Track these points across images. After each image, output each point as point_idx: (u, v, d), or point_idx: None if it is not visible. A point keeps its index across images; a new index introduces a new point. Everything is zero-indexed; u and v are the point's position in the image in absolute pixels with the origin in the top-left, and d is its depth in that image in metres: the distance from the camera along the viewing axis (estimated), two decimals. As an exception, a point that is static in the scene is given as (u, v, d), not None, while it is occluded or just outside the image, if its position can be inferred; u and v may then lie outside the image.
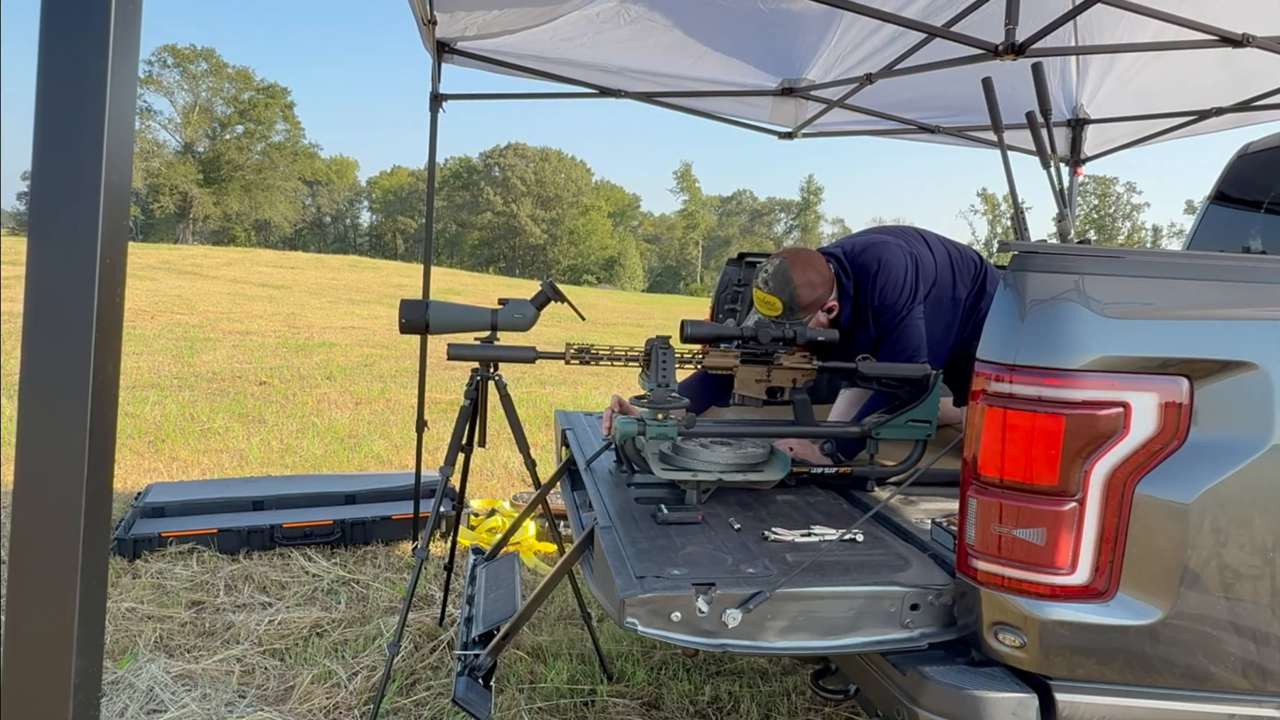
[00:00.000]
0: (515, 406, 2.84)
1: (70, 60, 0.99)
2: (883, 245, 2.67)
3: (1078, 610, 1.46)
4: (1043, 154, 2.09)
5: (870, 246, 2.67)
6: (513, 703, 2.80)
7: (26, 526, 1.01)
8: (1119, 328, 1.46)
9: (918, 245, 2.75)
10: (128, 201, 1.06)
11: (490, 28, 3.92)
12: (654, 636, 1.55)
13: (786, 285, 2.49)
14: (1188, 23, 3.22)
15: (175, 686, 2.83)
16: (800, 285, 2.49)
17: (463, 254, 71.82)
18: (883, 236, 2.74)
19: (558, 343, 2.35)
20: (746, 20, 4.07)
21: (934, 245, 2.80)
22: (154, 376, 9.26)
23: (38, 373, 0.99)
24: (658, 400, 2.04)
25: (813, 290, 2.52)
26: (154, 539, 3.98)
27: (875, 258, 2.63)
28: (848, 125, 5.21)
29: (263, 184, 65.30)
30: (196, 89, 63.53)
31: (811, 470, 2.27)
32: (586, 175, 78.75)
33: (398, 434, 7.04)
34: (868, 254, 2.65)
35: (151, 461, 5.76)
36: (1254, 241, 4.07)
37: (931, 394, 2.19)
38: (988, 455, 1.52)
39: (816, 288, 2.53)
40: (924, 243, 2.78)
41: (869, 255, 2.64)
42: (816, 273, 2.53)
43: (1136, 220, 67.24)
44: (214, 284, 21.21)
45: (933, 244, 2.80)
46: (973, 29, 3.29)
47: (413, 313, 2.50)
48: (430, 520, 2.66)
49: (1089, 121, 5.13)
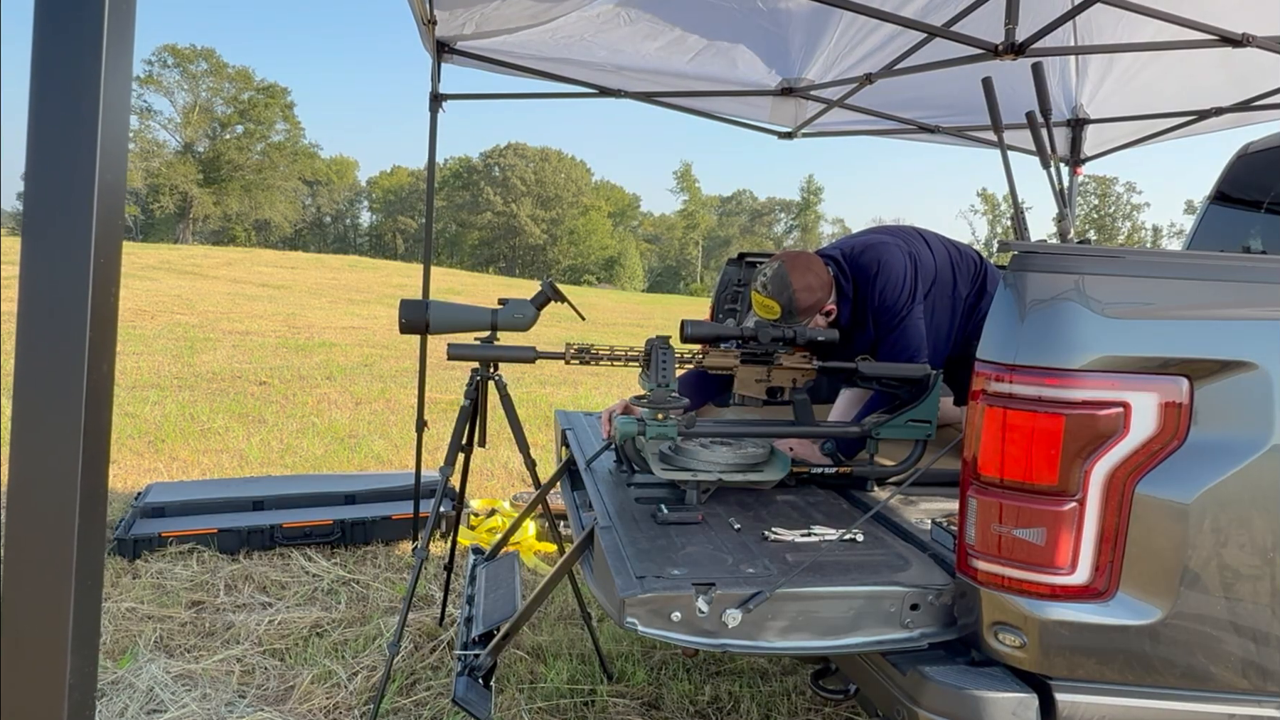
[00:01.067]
0: (515, 406, 2.83)
1: (64, 60, 0.99)
2: (882, 246, 2.66)
3: (1078, 610, 1.46)
4: (1043, 154, 2.09)
5: (869, 248, 2.67)
6: (513, 703, 2.80)
7: (21, 526, 1.01)
8: (1119, 328, 1.46)
9: (917, 245, 2.75)
10: (122, 200, 1.06)
11: (489, 24, 3.91)
12: (654, 636, 1.55)
13: (785, 289, 2.48)
14: (1187, 22, 3.22)
15: (175, 686, 2.83)
16: (799, 289, 2.49)
17: (463, 254, 71.83)
18: (882, 237, 2.74)
19: (558, 343, 2.35)
20: (746, 20, 4.07)
21: (933, 244, 2.80)
22: (154, 376, 9.26)
23: (32, 372, 0.99)
24: (657, 400, 2.04)
25: (811, 294, 2.52)
26: (154, 539, 3.98)
27: (875, 259, 2.62)
28: (848, 125, 5.20)
29: (263, 184, 65.29)
30: (196, 89, 63.53)
31: (811, 470, 2.27)
32: (586, 175, 78.76)
33: (398, 434, 7.04)
34: (867, 255, 2.64)
35: (151, 461, 5.76)
36: (1254, 241, 4.07)
37: (931, 394, 2.19)
38: (988, 455, 1.52)
39: (815, 291, 2.53)
40: (923, 242, 2.78)
41: (868, 256, 2.64)
42: (815, 276, 2.53)
43: (1136, 220, 67.24)
44: (214, 284, 21.21)
45: (932, 243, 2.80)
46: (972, 29, 3.29)
47: (413, 313, 2.49)
48: (430, 520, 2.66)
49: (1089, 121, 5.12)
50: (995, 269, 2.90)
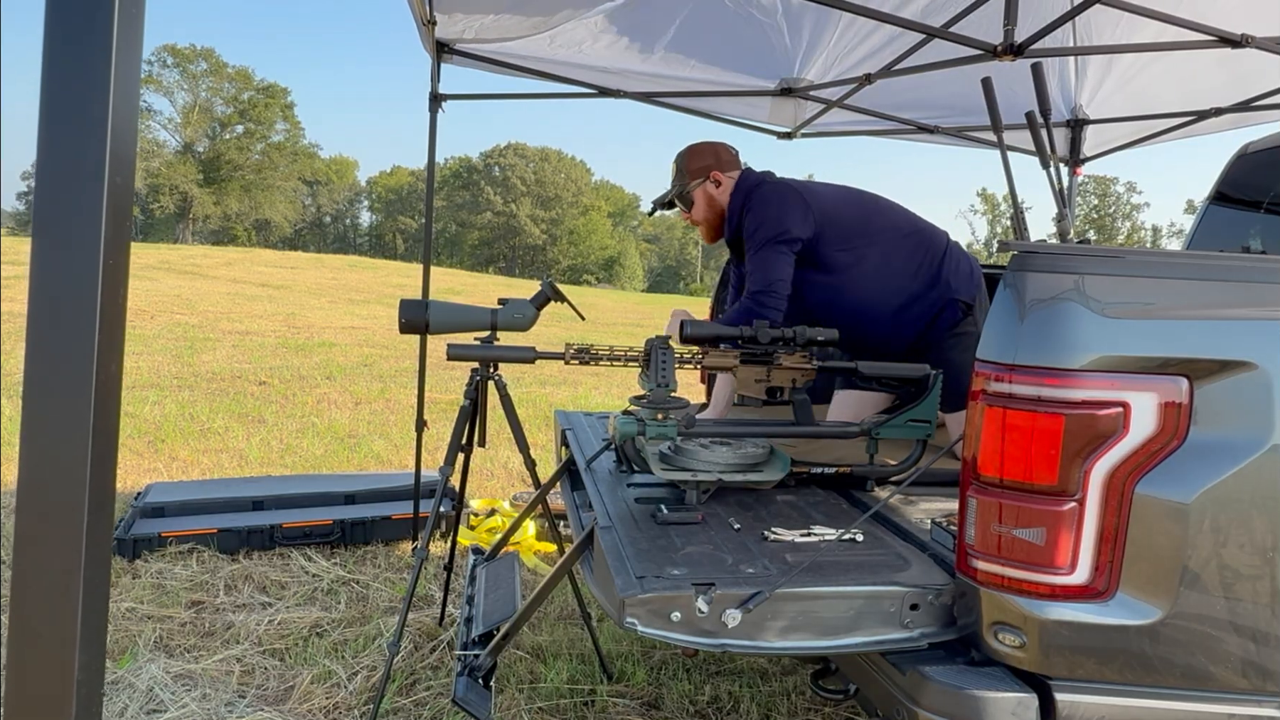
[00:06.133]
0: (515, 406, 2.84)
1: (74, 63, 0.99)
2: (778, 183, 2.85)
3: (1077, 610, 1.47)
4: (1042, 154, 2.10)
5: (769, 184, 2.86)
6: (513, 703, 2.80)
7: (30, 524, 1.02)
8: (1119, 328, 1.46)
9: (836, 196, 2.85)
10: (131, 202, 1.07)
11: (488, 33, 3.93)
12: (654, 636, 1.55)
13: (681, 153, 2.96)
14: (1187, 23, 3.22)
15: (175, 686, 2.83)
16: (690, 152, 2.94)
17: (462, 254, 71.80)
18: (791, 183, 2.88)
19: (558, 343, 2.35)
20: (745, 20, 4.08)
21: (870, 205, 2.91)
22: (154, 376, 9.26)
23: (42, 372, 1.00)
24: (657, 400, 2.04)
25: (700, 159, 2.92)
26: (154, 539, 3.98)
27: (765, 191, 2.82)
28: (847, 125, 5.21)
29: (263, 184, 65.30)
30: (196, 89, 63.56)
31: (811, 470, 2.28)
32: (586, 175, 78.75)
33: (397, 434, 7.04)
34: (764, 186, 2.84)
35: (151, 461, 5.76)
36: (1254, 241, 4.08)
37: (932, 394, 2.19)
38: (987, 455, 1.52)
39: (704, 157, 2.92)
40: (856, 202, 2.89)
41: (764, 188, 2.83)
42: (713, 152, 2.94)
43: (1136, 220, 67.23)
44: (214, 284, 21.20)
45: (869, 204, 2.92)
46: (971, 29, 3.30)
47: (412, 313, 2.50)
48: (430, 520, 2.66)
49: (1088, 122, 5.13)
50: (964, 266, 2.87)
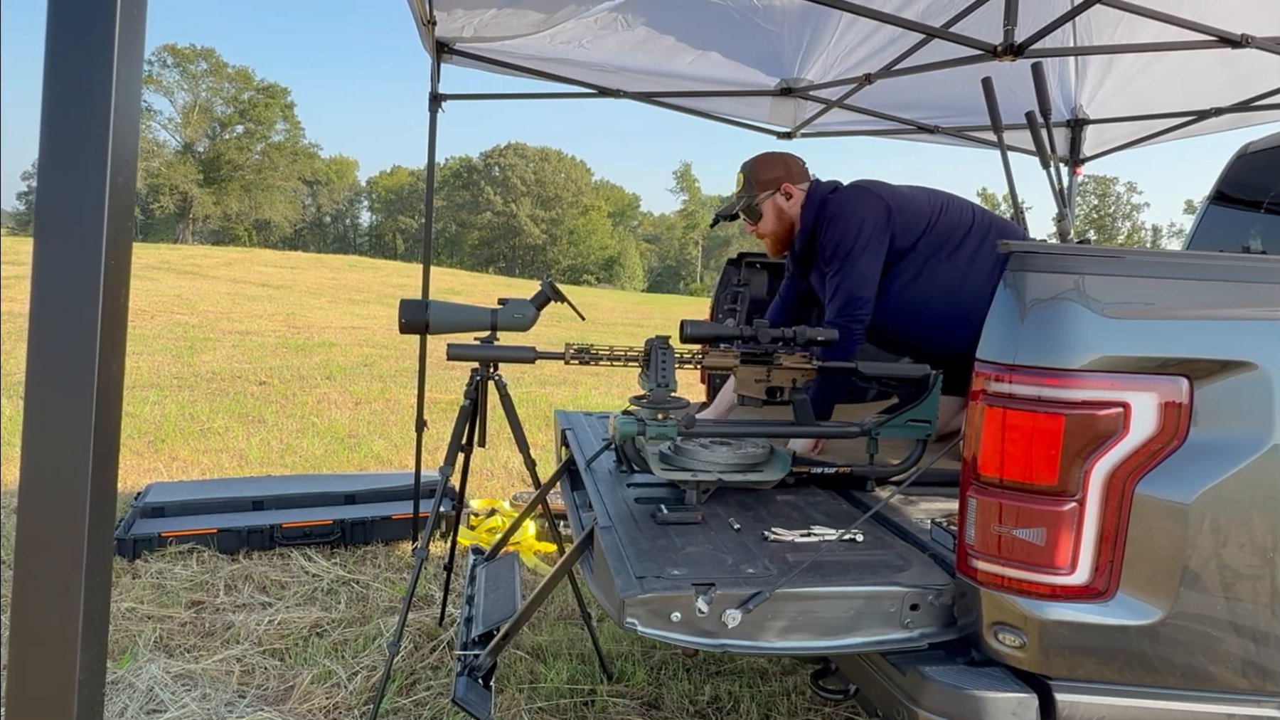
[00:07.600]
0: (515, 406, 2.84)
1: (76, 64, 0.99)
2: (854, 190, 2.75)
3: (1077, 610, 1.47)
4: (1042, 154, 2.10)
5: (846, 191, 2.76)
6: (513, 703, 2.80)
7: (31, 524, 1.02)
8: (1119, 328, 1.46)
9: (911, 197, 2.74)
10: (132, 203, 1.07)
11: (488, 30, 3.93)
12: (654, 636, 1.55)
13: (750, 162, 2.81)
14: (1187, 23, 3.22)
15: (175, 686, 2.83)
16: (759, 163, 2.80)
17: (463, 254, 71.79)
18: (868, 186, 2.77)
19: (558, 343, 2.35)
20: (745, 20, 4.08)
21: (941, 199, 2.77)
22: (154, 376, 9.26)
23: (43, 372, 1.00)
24: (657, 400, 2.04)
25: (770, 169, 2.78)
26: (154, 539, 3.98)
27: (840, 199, 2.72)
28: (847, 125, 5.20)
29: (263, 184, 65.30)
30: (196, 89, 63.56)
31: (811, 470, 2.28)
32: (586, 175, 78.73)
33: (397, 434, 7.04)
34: (838, 196, 2.74)
35: (151, 461, 5.76)
36: (1254, 241, 4.07)
37: (932, 394, 2.19)
38: (987, 455, 1.52)
39: (775, 168, 2.78)
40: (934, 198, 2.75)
41: (838, 198, 2.73)
42: (784, 164, 2.80)
43: (1136, 220, 67.25)
44: (214, 284, 21.20)
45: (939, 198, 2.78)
46: (972, 30, 3.29)
47: (412, 313, 2.50)
48: (430, 520, 2.66)
49: (1088, 122, 5.13)
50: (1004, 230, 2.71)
